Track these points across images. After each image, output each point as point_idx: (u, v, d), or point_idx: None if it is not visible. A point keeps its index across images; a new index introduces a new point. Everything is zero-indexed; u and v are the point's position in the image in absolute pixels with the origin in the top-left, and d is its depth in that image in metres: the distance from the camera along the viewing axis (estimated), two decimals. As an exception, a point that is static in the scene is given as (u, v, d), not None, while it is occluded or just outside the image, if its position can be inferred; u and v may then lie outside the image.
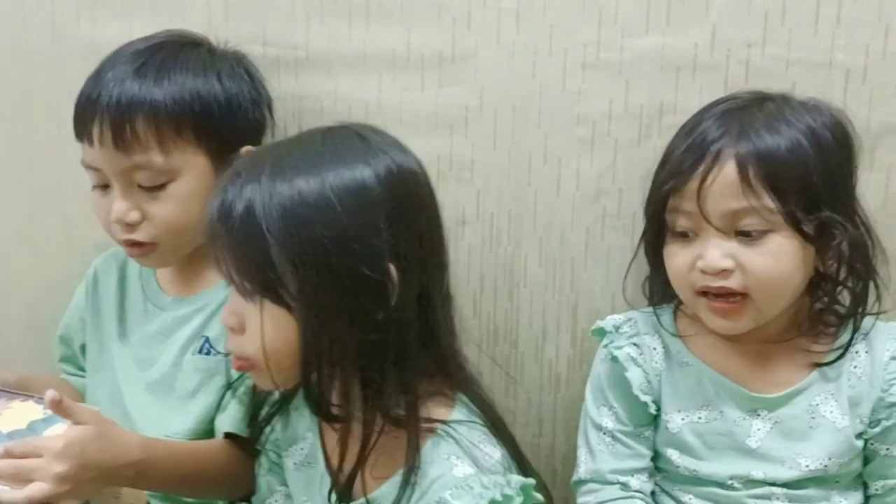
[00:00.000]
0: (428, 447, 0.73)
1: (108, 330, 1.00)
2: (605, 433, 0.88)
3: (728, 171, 0.78)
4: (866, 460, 0.85)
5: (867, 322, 0.84)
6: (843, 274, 0.82)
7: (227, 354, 0.87)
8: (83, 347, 1.03)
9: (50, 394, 0.76)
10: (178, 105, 0.88)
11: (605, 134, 0.95)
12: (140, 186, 0.89)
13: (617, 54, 0.93)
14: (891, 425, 0.82)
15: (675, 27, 0.92)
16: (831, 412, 0.82)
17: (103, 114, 0.87)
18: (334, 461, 0.75)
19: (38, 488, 0.73)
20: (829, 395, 0.83)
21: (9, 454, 0.75)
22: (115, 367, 0.98)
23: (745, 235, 0.79)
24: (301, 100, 1.01)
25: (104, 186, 0.91)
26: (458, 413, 0.76)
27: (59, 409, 0.77)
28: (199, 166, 0.91)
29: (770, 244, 0.78)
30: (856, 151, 0.84)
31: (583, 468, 0.89)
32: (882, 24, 0.88)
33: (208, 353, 0.93)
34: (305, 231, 0.67)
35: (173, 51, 0.92)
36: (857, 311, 0.83)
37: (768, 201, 0.77)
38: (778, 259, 0.78)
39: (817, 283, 0.84)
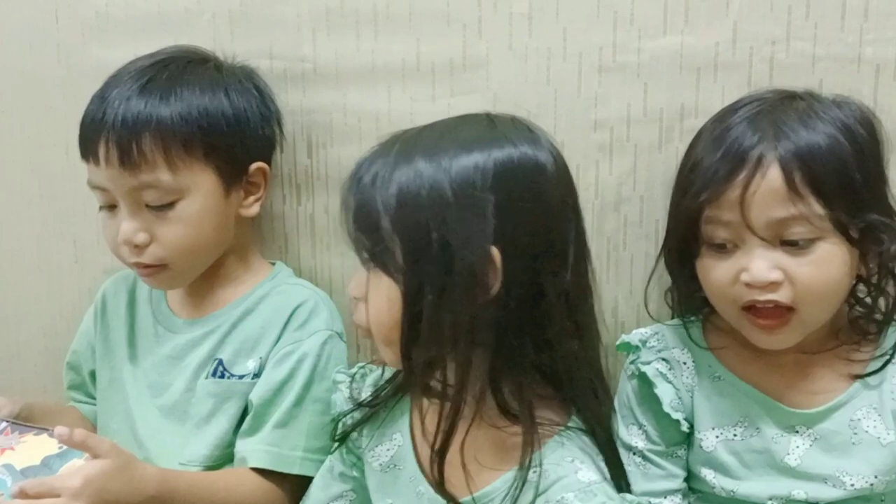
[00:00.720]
0: (549, 447, 0.73)
1: (118, 355, 0.98)
2: (635, 453, 0.84)
3: (772, 176, 0.74)
4: (914, 478, 0.80)
5: None
6: (885, 279, 0.78)
7: (241, 377, 0.86)
8: (92, 374, 1.01)
9: (59, 430, 0.74)
10: (185, 122, 0.87)
11: (624, 139, 0.92)
12: (148, 206, 0.88)
13: (634, 56, 0.90)
14: None
15: (694, 26, 0.89)
16: (875, 427, 0.78)
17: (109, 133, 0.86)
18: (425, 450, 0.75)
19: None
20: (872, 409, 0.79)
21: (24, 494, 0.73)
22: (126, 392, 0.96)
23: (791, 245, 0.74)
24: (310, 113, 0.99)
25: (111, 207, 0.90)
26: (575, 421, 0.76)
27: (74, 443, 0.75)
28: (208, 184, 0.89)
29: (818, 252, 0.74)
30: (885, 148, 0.80)
31: (612, 490, 0.86)
32: (913, 15, 0.85)
33: (222, 377, 0.91)
34: (415, 209, 0.70)
35: (179, 67, 0.91)
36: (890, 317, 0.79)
37: (817, 207, 0.73)
38: (827, 268, 0.74)
39: (855, 290, 0.80)
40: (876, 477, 0.78)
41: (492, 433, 0.74)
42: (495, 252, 0.69)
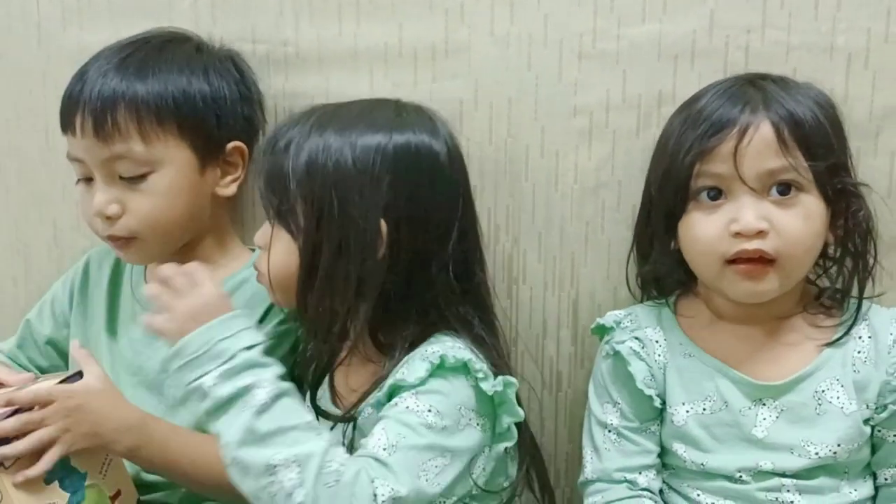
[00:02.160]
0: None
1: (95, 325, 0.98)
2: (610, 431, 0.86)
3: (764, 131, 0.77)
4: (874, 448, 0.83)
5: (864, 305, 0.83)
6: (850, 247, 0.82)
7: None
8: (48, 341, 1.00)
9: (76, 344, 0.85)
10: (160, 98, 0.88)
11: (603, 125, 0.93)
12: (122, 178, 0.89)
13: (613, 43, 0.91)
14: None
15: (672, 14, 0.90)
16: (838, 398, 0.81)
17: (85, 105, 0.88)
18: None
19: (46, 432, 0.79)
20: (835, 381, 0.81)
21: (10, 403, 0.79)
22: (103, 364, 0.94)
23: (780, 194, 0.78)
24: (293, 97, 0.99)
25: (88, 180, 0.91)
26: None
27: (80, 355, 0.84)
28: (182, 159, 0.90)
29: (801, 206, 0.78)
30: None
31: (589, 468, 0.87)
32: (884, 5, 0.87)
33: None
34: (319, 176, 0.79)
35: (157, 46, 0.92)
36: (859, 285, 0.83)
37: (802, 160, 0.77)
38: (809, 221, 0.78)
39: (822, 258, 0.83)
40: (839, 445, 0.80)
41: (370, 367, 0.83)
42: (383, 224, 0.79)
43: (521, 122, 0.95)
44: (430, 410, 0.75)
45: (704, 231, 0.80)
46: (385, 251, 0.79)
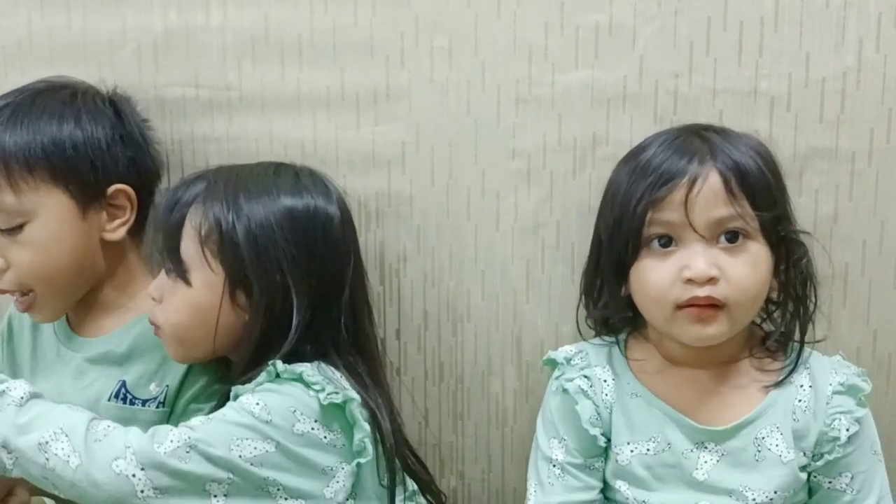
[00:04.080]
0: None
1: (22, 373, 0.97)
2: (555, 465, 0.87)
3: (713, 181, 0.80)
4: (811, 493, 0.85)
5: (805, 352, 0.86)
6: (791, 292, 0.84)
7: (144, 402, 0.91)
8: None
9: None
10: (27, 148, 0.89)
11: (540, 167, 0.96)
12: (1, 231, 0.89)
13: (548, 89, 0.94)
14: (833, 459, 0.82)
15: (603, 61, 0.93)
16: (777, 445, 0.83)
17: None
18: None
19: None
20: (775, 428, 0.83)
21: None
22: None
23: (729, 241, 0.80)
24: (236, 140, 1.00)
25: None
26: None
27: None
28: (59, 207, 0.90)
29: (749, 253, 0.81)
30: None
31: (532, 501, 0.89)
32: (803, 52, 0.91)
33: (124, 400, 0.91)
34: (231, 236, 0.84)
35: (32, 95, 0.92)
36: (801, 331, 0.85)
37: (749, 209, 0.80)
38: (756, 268, 0.81)
39: (766, 303, 0.86)
40: (776, 492, 0.82)
41: None
42: (287, 278, 0.84)
43: (462, 165, 0.97)
44: (257, 404, 0.79)
45: (657, 278, 0.82)
46: (287, 301, 0.84)
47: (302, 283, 0.84)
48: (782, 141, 0.91)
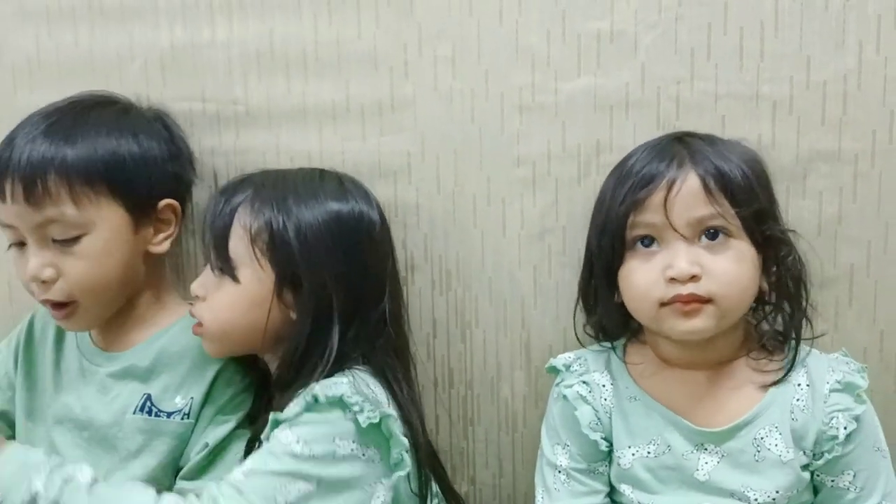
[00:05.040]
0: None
1: (40, 387, 0.98)
2: (560, 471, 0.88)
3: (691, 181, 0.82)
4: (815, 491, 0.86)
5: (803, 350, 0.86)
6: (784, 292, 0.85)
7: (169, 414, 0.91)
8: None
9: None
10: (89, 162, 0.89)
11: (545, 174, 0.97)
12: (55, 241, 0.90)
13: (552, 96, 0.95)
14: (833, 458, 0.83)
15: (605, 68, 0.94)
16: (776, 445, 0.84)
17: (14, 172, 0.88)
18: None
19: None
20: (774, 428, 0.84)
21: None
22: (49, 424, 0.96)
23: (710, 239, 0.81)
24: (244, 153, 1.01)
25: (21, 244, 0.91)
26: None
27: None
28: (115, 220, 0.91)
29: (732, 249, 0.82)
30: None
31: (541, 507, 0.89)
32: (804, 55, 0.91)
33: (150, 413, 0.92)
34: (283, 241, 0.86)
35: (84, 109, 0.93)
36: (795, 330, 0.86)
37: (729, 208, 0.81)
38: (740, 263, 0.82)
39: (760, 304, 0.86)
40: (777, 492, 0.83)
41: None
42: (331, 278, 0.86)
43: (468, 173, 0.98)
44: (297, 441, 0.80)
45: (641, 277, 0.83)
46: (332, 301, 0.86)
47: (347, 285, 0.86)
48: (785, 144, 0.92)
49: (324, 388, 0.82)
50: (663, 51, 0.93)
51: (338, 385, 0.82)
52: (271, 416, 0.83)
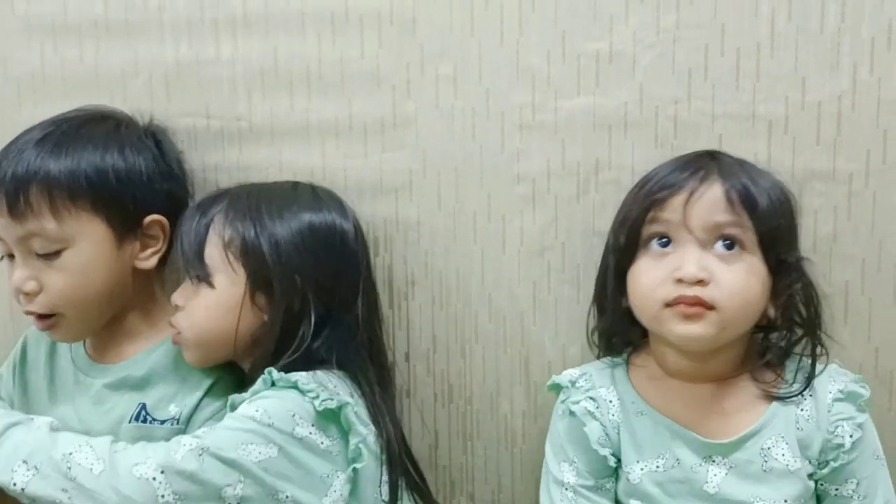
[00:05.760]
0: None
1: (36, 402, 0.98)
2: (567, 489, 0.88)
3: (716, 190, 0.83)
4: (818, 500, 0.86)
5: (805, 364, 0.87)
6: (795, 318, 0.86)
7: (162, 422, 0.91)
8: None
9: None
10: (72, 175, 0.90)
11: (545, 191, 0.98)
12: (38, 255, 0.90)
13: (551, 115, 0.97)
14: (838, 466, 0.84)
15: (604, 88, 0.95)
16: (783, 455, 0.84)
17: (1, 185, 0.89)
18: None
19: None
20: (780, 438, 0.84)
21: None
22: None
23: (725, 248, 0.82)
24: (247, 170, 1.02)
25: (11, 256, 0.93)
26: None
27: None
28: (98, 235, 0.91)
29: (744, 262, 0.82)
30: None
31: (546, 525, 0.89)
32: (799, 75, 0.93)
33: (144, 421, 0.92)
34: (257, 248, 0.89)
35: (76, 125, 0.94)
36: (812, 355, 0.87)
37: (747, 220, 0.82)
38: (750, 277, 0.82)
39: (766, 330, 0.87)
40: (786, 502, 0.83)
41: None
42: (304, 287, 0.89)
43: (468, 190, 0.99)
44: (257, 410, 0.82)
45: (649, 276, 0.84)
46: (304, 304, 0.88)
47: (319, 289, 0.89)
48: (781, 163, 0.93)
49: (280, 373, 0.85)
50: (661, 71, 0.94)
51: (293, 374, 0.85)
52: (229, 399, 0.86)
